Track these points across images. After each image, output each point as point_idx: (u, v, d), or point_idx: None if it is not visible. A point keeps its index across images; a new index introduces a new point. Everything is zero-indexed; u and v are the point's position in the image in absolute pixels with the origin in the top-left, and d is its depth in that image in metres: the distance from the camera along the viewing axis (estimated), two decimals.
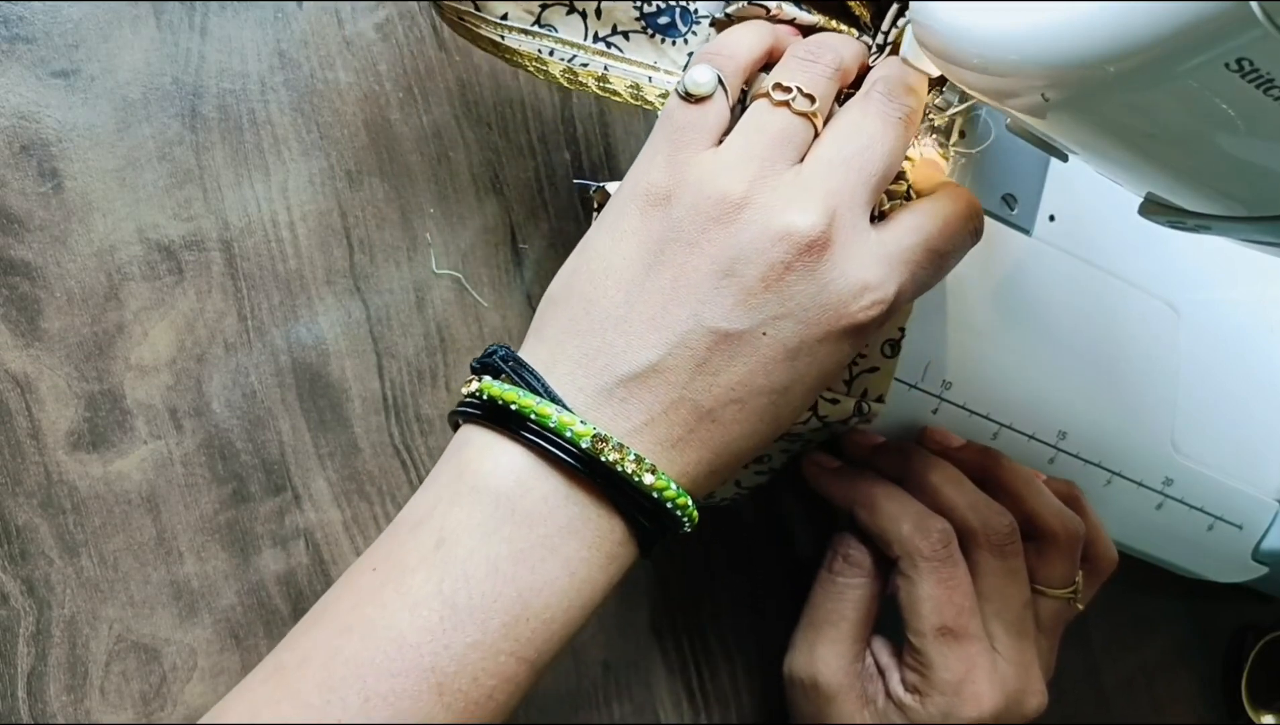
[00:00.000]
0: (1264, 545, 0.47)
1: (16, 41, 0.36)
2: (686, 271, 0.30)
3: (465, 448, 0.31)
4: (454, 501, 0.30)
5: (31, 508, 0.36)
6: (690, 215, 0.31)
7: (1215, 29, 0.20)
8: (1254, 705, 0.56)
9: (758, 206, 0.31)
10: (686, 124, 0.32)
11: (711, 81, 0.32)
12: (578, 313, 0.31)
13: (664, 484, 0.30)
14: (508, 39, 0.35)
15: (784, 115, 0.32)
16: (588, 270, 0.32)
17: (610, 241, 0.32)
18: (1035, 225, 0.41)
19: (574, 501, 0.30)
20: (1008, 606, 0.38)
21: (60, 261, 0.36)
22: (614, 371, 0.30)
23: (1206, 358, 0.45)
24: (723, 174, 0.31)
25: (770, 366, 0.31)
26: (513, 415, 0.30)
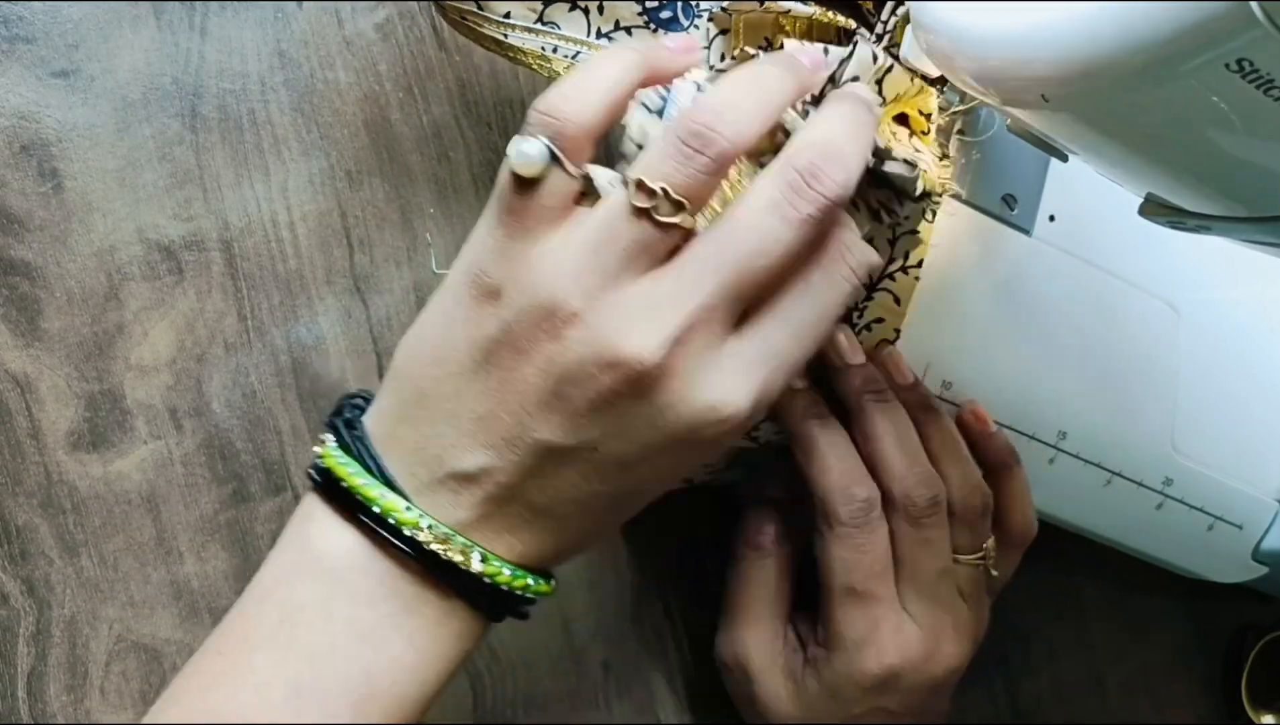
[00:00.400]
0: (1264, 545, 0.47)
1: (16, 41, 0.36)
2: (514, 379, 0.28)
3: (308, 521, 0.30)
4: (296, 577, 0.29)
5: (31, 508, 0.36)
6: (519, 319, 0.28)
7: (1215, 29, 0.20)
8: (1254, 705, 0.56)
9: (589, 326, 0.28)
10: (518, 209, 0.28)
11: (540, 157, 0.28)
12: (410, 398, 0.30)
13: (495, 570, 0.29)
14: (511, 37, 0.35)
15: (641, 226, 0.28)
16: (420, 355, 0.30)
17: (443, 327, 0.30)
18: (1035, 225, 0.41)
19: (409, 583, 0.29)
20: (918, 572, 0.38)
21: (60, 261, 0.36)
22: (445, 464, 0.29)
23: (1206, 358, 0.45)
24: (559, 280, 0.28)
25: (605, 476, 0.29)
26: (346, 495, 0.29)
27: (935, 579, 0.38)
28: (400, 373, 0.31)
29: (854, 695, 0.38)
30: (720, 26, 0.37)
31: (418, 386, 0.30)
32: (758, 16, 0.36)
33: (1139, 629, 0.54)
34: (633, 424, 0.29)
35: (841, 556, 0.37)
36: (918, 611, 0.38)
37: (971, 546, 0.40)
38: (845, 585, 0.38)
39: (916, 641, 0.38)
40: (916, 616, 0.38)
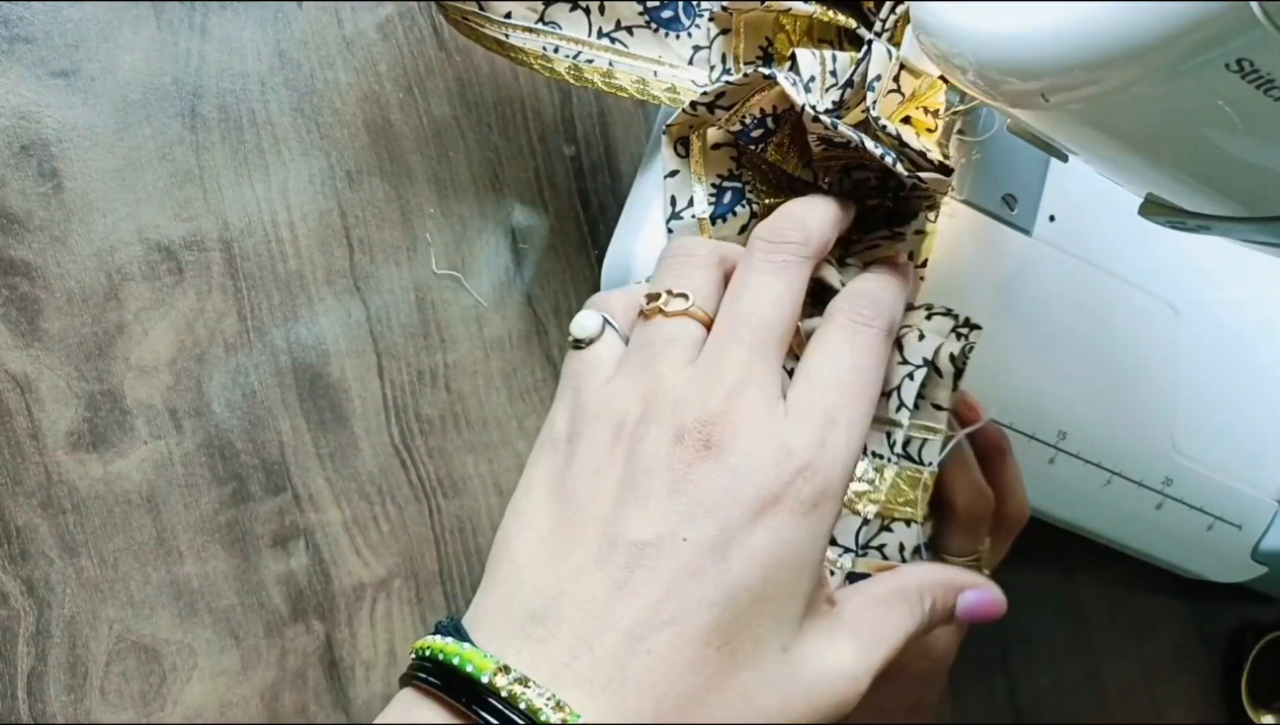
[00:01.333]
0: (1264, 545, 0.47)
1: (16, 41, 0.36)
2: (592, 497, 0.29)
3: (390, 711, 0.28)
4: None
5: (31, 508, 0.36)
6: (590, 447, 0.30)
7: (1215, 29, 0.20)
8: (1254, 705, 0.56)
9: (650, 418, 0.29)
10: (579, 369, 0.32)
11: (597, 324, 0.33)
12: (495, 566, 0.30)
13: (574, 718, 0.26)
14: (512, 38, 0.35)
15: (659, 324, 0.31)
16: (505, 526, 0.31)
17: (524, 492, 0.31)
18: (1035, 225, 0.41)
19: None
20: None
21: (60, 261, 0.36)
22: (528, 609, 0.28)
23: (1206, 358, 0.45)
24: (616, 399, 0.30)
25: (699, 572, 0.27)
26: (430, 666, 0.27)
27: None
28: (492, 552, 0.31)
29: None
30: (721, 26, 0.37)
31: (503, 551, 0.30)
32: (758, 16, 0.36)
33: (1139, 629, 0.54)
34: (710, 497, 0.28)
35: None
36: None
37: (966, 550, 0.40)
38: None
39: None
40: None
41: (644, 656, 0.27)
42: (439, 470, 0.40)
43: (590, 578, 0.28)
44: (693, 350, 0.31)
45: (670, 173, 0.36)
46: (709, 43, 0.37)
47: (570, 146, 0.42)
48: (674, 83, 0.36)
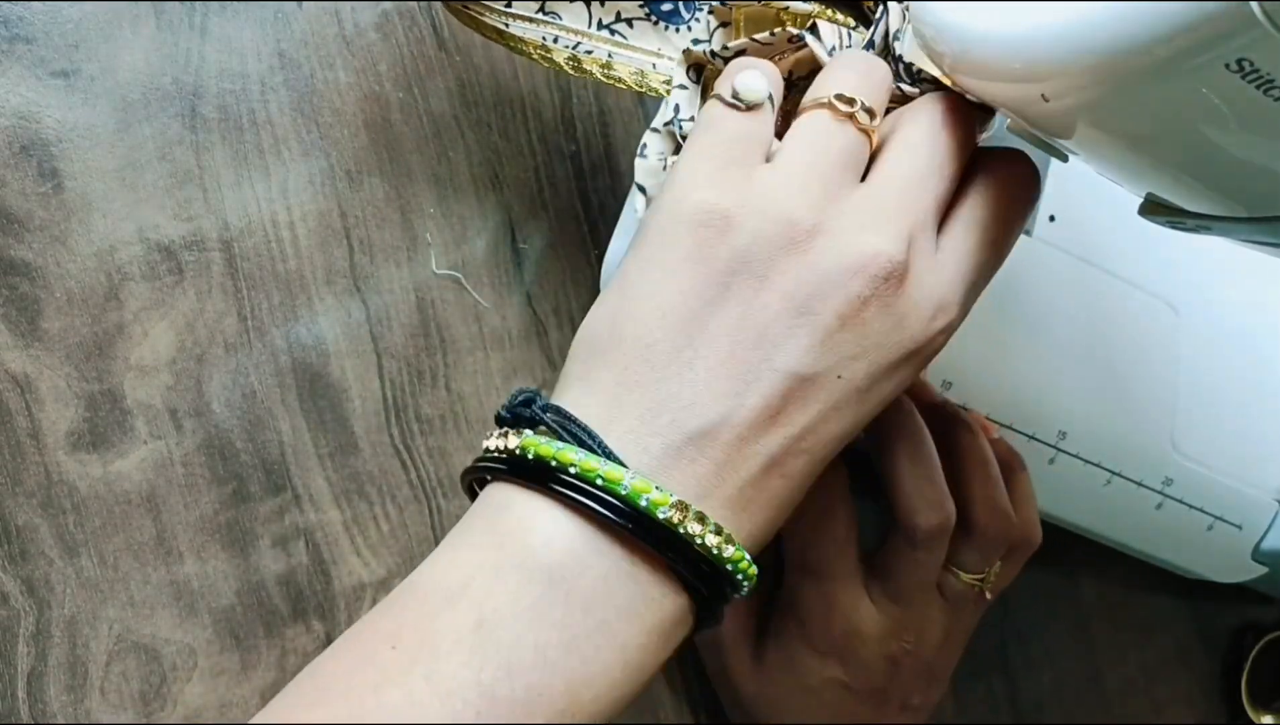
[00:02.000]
0: (1264, 545, 0.47)
1: (16, 41, 0.36)
2: (755, 309, 0.27)
3: (504, 513, 0.27)
4: (496, 576, 0.26)
5: (31, 508, 0.36)
6: (755, 242, 0.27)
7: (1215, 29, 0.20)
8: (1254, 705, 0.56)
9: (831, 234, 0.28)
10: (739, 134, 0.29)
11: (765, 88, 0.29)
12: (632, 360, 0.27)
13: (740, 555, 0.27)
14: (512, 27, 0.35)
15: (848, 131, 0.29)
16: (637, 310, 0.28)
17: (661, 275, 0.28)
18: (1035, 225, 0.41)
19: (636, 579, 0.26)
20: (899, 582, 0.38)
21: (60, 261, 0.36)
22: (682, 428, 0.27)
23: (1206, 358, 0.45)
24: (789, 196, 0.28)
25: (841, 411, 0.28)
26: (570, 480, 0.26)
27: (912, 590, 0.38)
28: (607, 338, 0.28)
29: (809, 665, 0.38)
30: (720, 19, 0.37)
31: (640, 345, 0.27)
32: (758, 10, 0.36)
33: (1139, 629, 0.54)
34: (875, 341, 0.28)
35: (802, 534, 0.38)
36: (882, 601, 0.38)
37: (977, 567, 0.40)
38: (801, 562, 0.38)
39: (871, 617, 0.38)
40: (878, 602, 0.38)
41: (779, 479, 0.28)
42: (439, 470, 0.40)
43: (749, 404, 0.27)
44: (861, 170, 0.29)
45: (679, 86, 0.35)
46: (708, 36, 0.37)
47: (570, 146, 0.42)
48: (672, 75, 0.36)
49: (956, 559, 0.39)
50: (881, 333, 0.28)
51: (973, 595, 0.40)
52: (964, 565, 0.39)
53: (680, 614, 0.28)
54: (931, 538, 0.37)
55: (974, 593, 0.40)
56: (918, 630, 0.39)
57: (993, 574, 0.40)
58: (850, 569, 0.38)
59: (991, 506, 0.39)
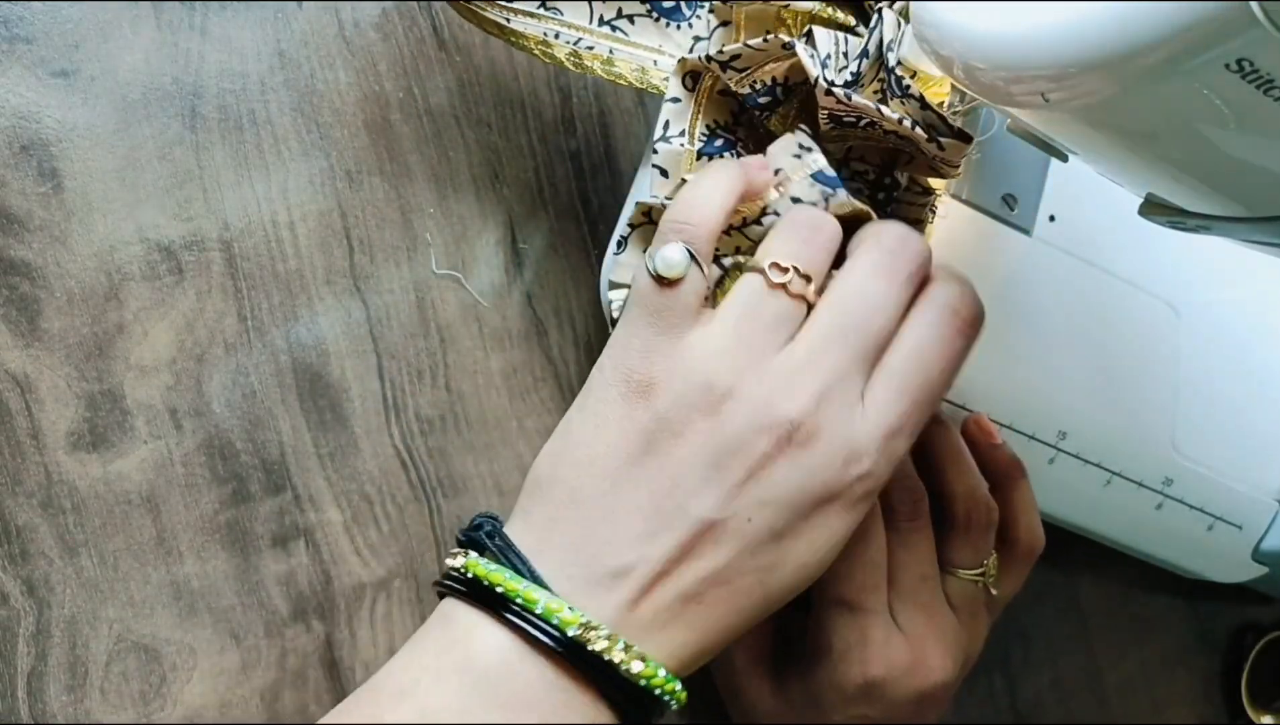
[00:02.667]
0: (1264, 545, 0.47)
1: (16, 41, 0.36)
2: (672, 462, 0.30)
3: (452, 624, 0.31)
4: (439, 679, 0.29)
5: (31, 508, 0.36)
6: (675, 404, 0.30)
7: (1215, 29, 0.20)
8: (1254, 705, 0.56)
9: (743, 398, 0.30)
10: (663, 308, 0.31)
11: (683, 262, 0.31)
12: (563, 501, 0.31)
13: (652, 672, 0.30)
14: (513, 22, 0.35)
15: (779, 299, 0.31)
16: (572, 457, 0.31)
17: (593, 429, 0.31)
18: (1035, 225, 0.41)
19: (559, 688, 0.29)
20: (902, 576, 0.38)
21: (60, 261, 0.36)
22: (602, 563, 0.30)
23: (1206, 358, 0.45)
24: (709, 361, 0.31)
25: (756, 549, 0.31)
26: (499, 598, 0.30)
27: (918, 583, 0.38)
28: (546, 479, 0.32)
29: (835, 703, 0.38)
30: (721, 18, 0.37)
31: (569, 489, 0.31)
32: (759, 9, 0.36)
33: (1139, 629, 0.54)
34: (784, 489, 0.30)
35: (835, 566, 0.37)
36: (904, 620, 0.38)
37: (972, 562, 0.40)
38: (836, 595, 0.38)
39: (902, 653, 0.38)
40: (903, 625, 0.38)
41: (697, 607, 0.30)
42: (439, 470, 0.40)
43: (663, 544, 0.30)
44: (794, 327, 0.32)
45: (672, 99, 0.35)
46: (709, 34, 0.37)
47: (570, 146, 0.42)
48: (669, 85, 0.36)
49: (950, 558, 0.39)
50: (790, 483, 0.30)
51: (979, 596, 0.40)
52: (958, 562, 0.39)
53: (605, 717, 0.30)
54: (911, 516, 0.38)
55: (980, 592, 0.40)
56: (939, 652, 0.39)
57: (992, 567, 0.40)
58: (883, 601, 0.38)
59: (969, 495, 0.39)
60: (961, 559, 0.39)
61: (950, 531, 0.39)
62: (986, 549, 0.40)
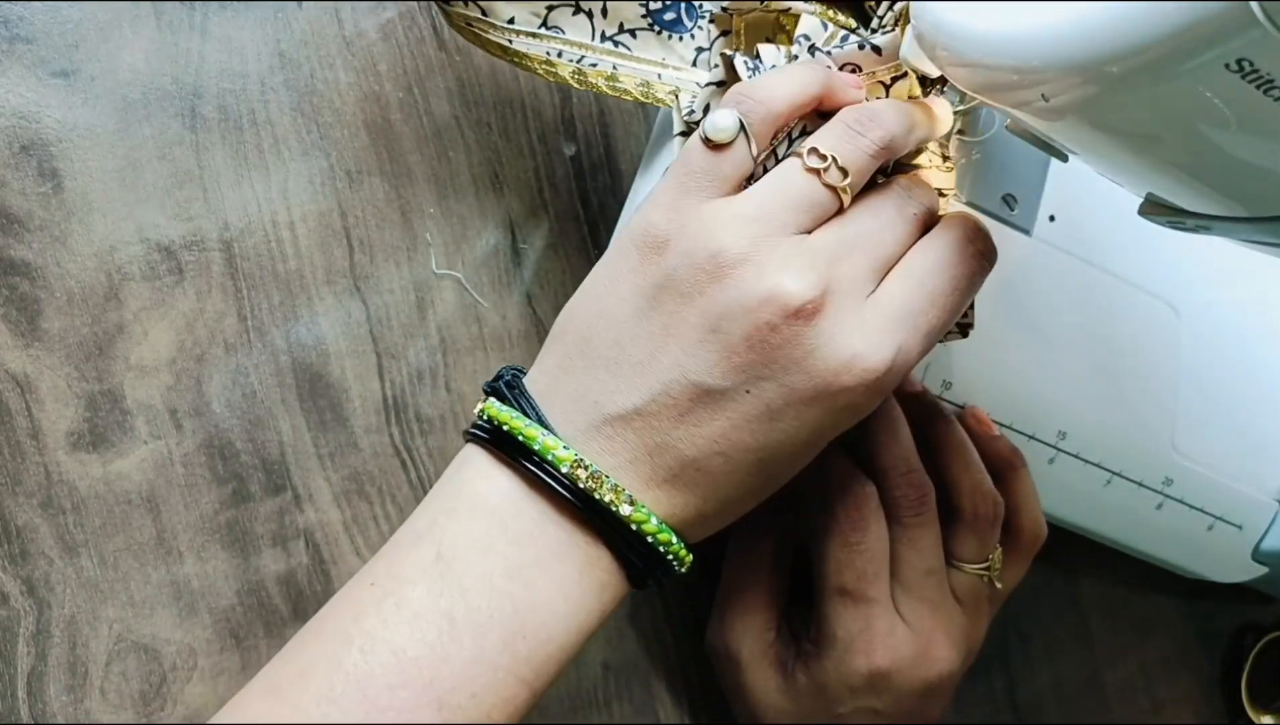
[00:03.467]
0: (1264, 545, 0.47)
1: (16, 41, 0.36)
2: (676, 321, 0.31)
3: (465, 466, 0.32)
4: (452, 517, 0.31)
5: (31, 508, 0.36)
6: (684, 265, 0.30)
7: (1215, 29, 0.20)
8: (1254, 705, 0.56)
9: (751, 265, 0.30)
10: (698, 170, 0.31)
11: (733, 127, 0.31)
12: (573, 349, 0.32)
13: (643, 517, 0.30)
14: (515, 43, 0.35)
15: (812, 183, 0.31)
16: (584, 309, 0.32)
17: (608, 281, 0.32)
18: (1035, 225, 0.41)
19: (560, 527, 0.31)
20: (906, 571, 0.38)
21: (60, 261, 0.36)
22: (602, 409, 0.31)
23: (1206, 358, 0.45)
24: (726, 227, 0.30)
25: (753, 425, 0.31)
26: (507, 438, 0.31)
27: (923, 578, 0.38)
28: (562, 329, 0.33)
29: (841, 694, 0.38)
30: (721, 28, 0.37)
31: (580, 337, 0.32)
32: (758, 17, 0.36)
33: (1139, 629, 0.54)
34: (783, 366, 0.30)
35: (835, 555, 0.38)
36: (909, 613, 0.38)
37: (977, 556, 0.40)
38: (838, 585, 0.38)
39: (907, 644, 0.38)
40: (908, 618, 0.38)
41: (693, 472, 0.31)
42: (439, 470, 0.40)
43: (660, 401, 0.31)
44: (820, 217, 0.32)
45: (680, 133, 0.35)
46: (710, 45, 0.37)
47: (570, 146, 0.42)
48: (678, 85, 0.36)
49: (955, 552, 0.39)
50: (790, 361, 0.30)
51: (984, 590, 0.40)
52: (964, 556, 0.39)
53: (606, 563, 0.31)
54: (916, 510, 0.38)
55: (984, 586, 0.40)
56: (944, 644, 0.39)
57: (996, 561, 0.40)
58: (885, 591, 0.38)
59: (975, 490, 0.39)
60: (967, 553, 0.39)
61: (957, 525, 0.39)
62: (992, 543, 0.40)
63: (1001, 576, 0.41)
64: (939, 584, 0.39)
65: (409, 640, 0.29)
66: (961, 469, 0.39)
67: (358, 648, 0.29)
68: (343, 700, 0.28)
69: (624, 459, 0.31)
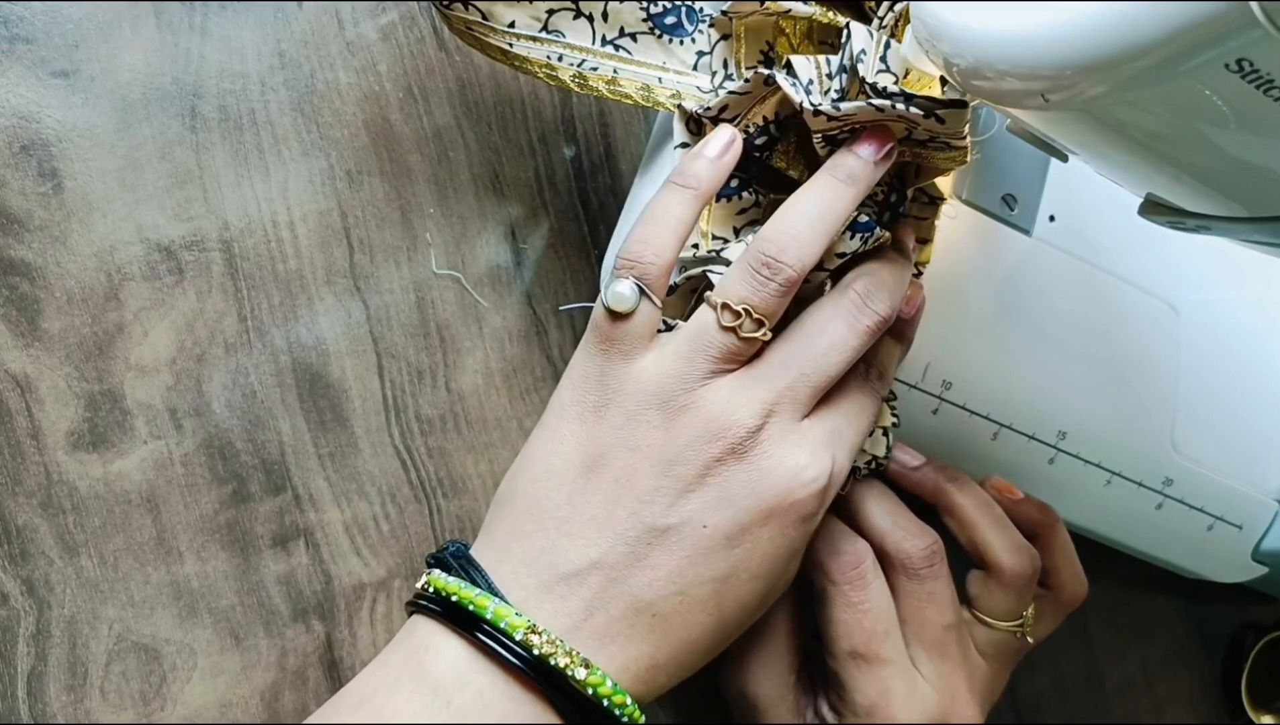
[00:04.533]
0: (1264, 545, 0.47)
1: (16, 41, 0.36)
2: (627, 473, 0.31)
3: (412, 637, 0.32)
4: (395, 687, 0.30)
5: (31, 508, 0.36)
6: (629, 421, 0.32)
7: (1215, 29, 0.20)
8: (1254, 705, 0.56)
9: (695, 409, 0.32)
10: (615, 338, 0.33)
11: (633, 297, 0.33)
12: (521, 514, 0.32)
13: (598, 680, 0.30)
14: (516, 47, 0.35)
15: (729, 338, 0.32)
16: (530, 473, 0.33)
17: (550, 444, 0.33)
18: (1035, 225, 0.41)
19: (510, 697, 0.30)
20: (925, 629, 0.38)
21: (60, 261, 0.36)
22: (556, 569, 0.31)
23: (1206, 358, 0.45)
24: (663, 382, 0.32)
25: (710, 555, 0.31)
26: (453, 607, 0.31)
27: (942, 635, 0.38)
28: (508, 495, 0.33)
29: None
30: (721, 31, 0.37)
31: (528, 502, 0.32)
32: (758, 20, 0.36)
33: (1139, 629, 0.54)
34: (736, 491, 0.31)
35: (840, 618, 0.37)
36: (929, 671, 0.38)
37: (1012, 613, 0.40)
38: (849, 649, 0.37)
39: (929, 703, 0.37)
40: (928, 676, 0.38)
41: (649, 618, 0.31)
42: (439, 470, 0.40)
43: (616, 550, 0.31)
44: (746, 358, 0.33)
45: (681, 144, 0.35)
46: (710, 48, 0.37)
47: (570, 146, 0.42)
48: (678, 89, 0.36)
49: (987, 609, 0.39)
50: (742, 486, 0.31)
51: (1013, 644, 0.40)
52: (996, 613, 0.39)
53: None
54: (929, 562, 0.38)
55: (1015, 641, 0.40)
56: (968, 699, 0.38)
57: (1030, 616, 0.40)
58: (899, 649, 0.37)
59: (1010, 546, 0.39)
60: (1002, 610, 0.39)
61: (991, 583, 0.39)
62: (1028, 600, 0.40)
63: (1034, 631, 0.40)
64: (960, 639, 0.38)
65: None
66: (991, 526, 0.39)
67: None
68: None
69: (578, 618, 0.31)
